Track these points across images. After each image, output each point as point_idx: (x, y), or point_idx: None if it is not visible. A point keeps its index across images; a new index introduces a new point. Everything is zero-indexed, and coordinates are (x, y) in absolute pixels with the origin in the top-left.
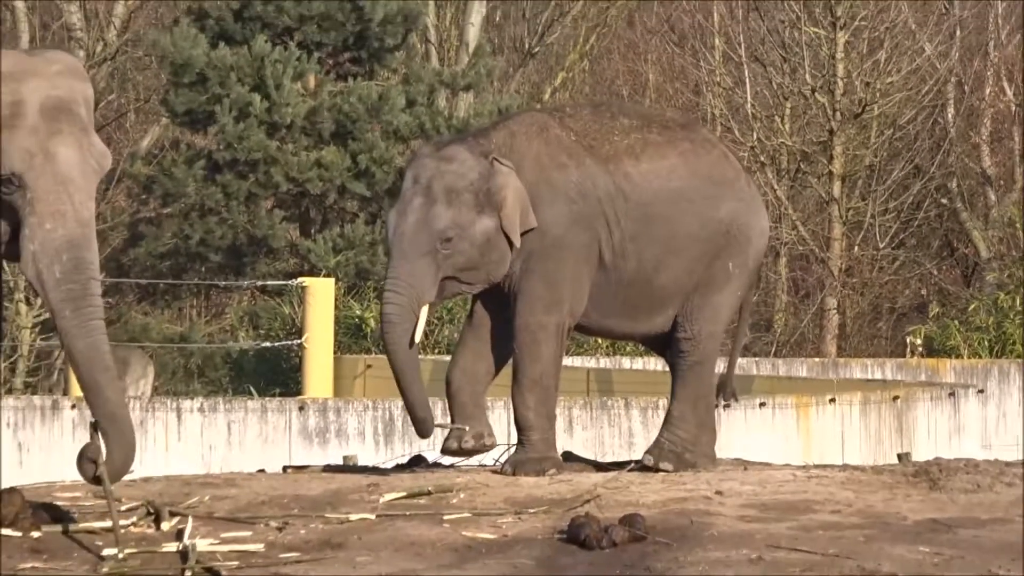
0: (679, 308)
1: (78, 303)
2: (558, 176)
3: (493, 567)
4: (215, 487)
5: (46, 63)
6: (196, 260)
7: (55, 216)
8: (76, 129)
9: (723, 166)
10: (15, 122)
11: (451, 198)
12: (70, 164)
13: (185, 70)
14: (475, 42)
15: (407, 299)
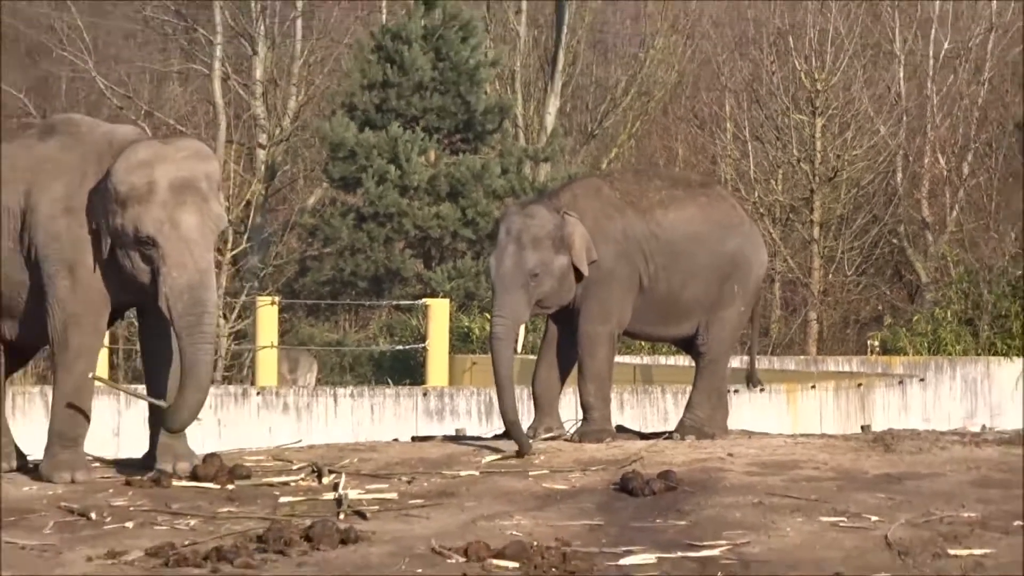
0: (699, 319)
1: (191, 330)
2: (608, 224)
3: (565, 510)
4: (361, 452)
5: (176, 150)
6: (348, 286)
7: (179, 267)
8: (197, 199)
9: (731, 214)
10: (150, 198)
11: (536, 244)
12: (191, 228)
13: (340, 148)
14: (551, 126)
15: (510, 322)
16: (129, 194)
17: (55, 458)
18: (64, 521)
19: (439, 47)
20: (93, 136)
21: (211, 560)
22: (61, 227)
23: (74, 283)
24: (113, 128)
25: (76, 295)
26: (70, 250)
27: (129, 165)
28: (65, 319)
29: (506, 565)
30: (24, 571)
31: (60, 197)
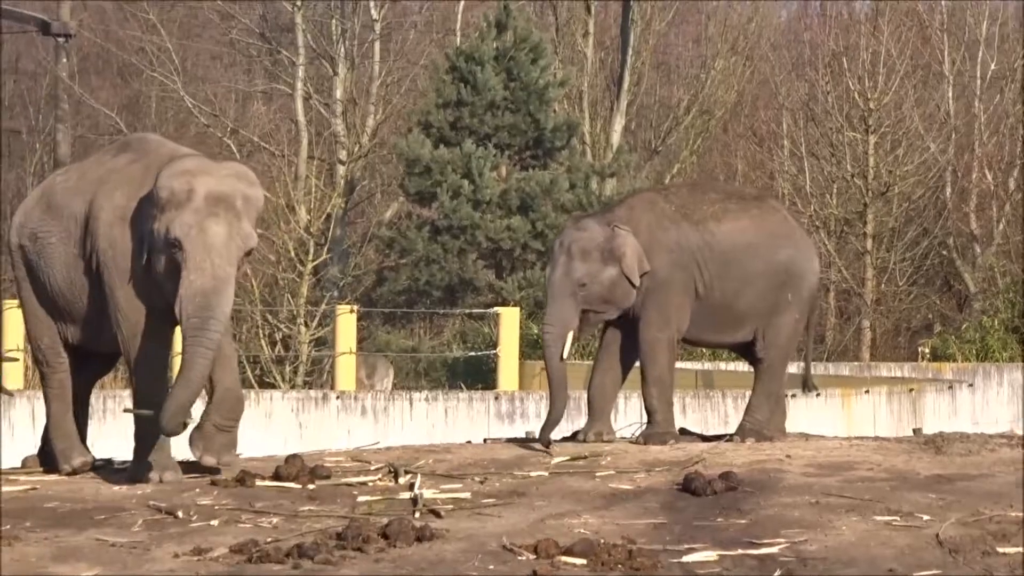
0: (755, 326)
1: (195, 332)
2: (663, 236)
3: (630, 509)
4: (436, 453)
5: (220, 167)
6: (423, 295)
7: (198, 270)
8: (230, 215)
9: (783, 225)
10: (186, 204)
11: (584, 256)
12: (216, 236)
13: (416, 164)
14: (617, 143)
15: (558, 329)
16: (169, 199)
17: (144, 459)
18: (152, 519)
19: (510, 68)
20: (158, 153)
21: (292, 557)
22: (117, 235)
23: (130, 293)
24: (177, 147)
25: (133, 304)
26: (123, 259)
27: (173, 173)
28: (129, 329)
29: (574, 562)
30: (114, 567)
31: (119, 206)
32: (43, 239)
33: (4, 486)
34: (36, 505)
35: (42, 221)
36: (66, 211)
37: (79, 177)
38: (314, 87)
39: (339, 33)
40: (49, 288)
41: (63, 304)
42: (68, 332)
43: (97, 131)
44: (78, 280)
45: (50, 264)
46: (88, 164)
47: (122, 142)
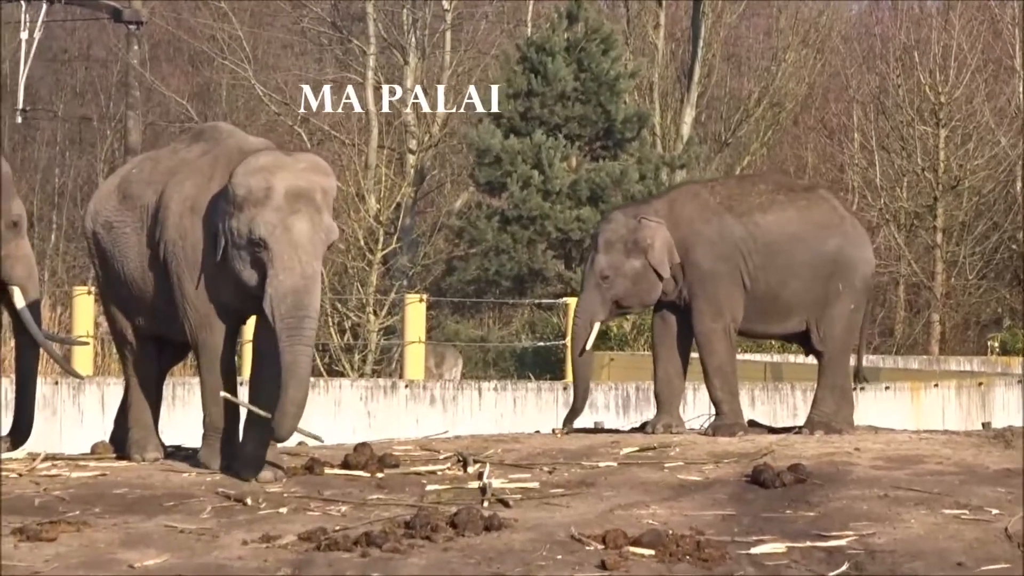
0: (807, 316)
1: (291, 332)
2: (704, 228)
3: (699, 500)
4: (505, 443)
5: (295, 161)
6: (492, 285)
7: (286, 270)
8: (311, 209)
9: (830, 215)
10: (266, 202)
11: (607, 248)
12: (302, 234)
13: (486, 154)
14: (687, 135)
15: (581, 320)
16: (246, 197)
17: (212, 448)
18: (221, 506)
19: (581, 59)
20: (227, 143)
21: (361, 544)
22: (187, 226)
23: (198, 285)
24: (246, 137)
25: (201, 296)
26: (191, 251)
27: (249, 170)
28: (197, 320)
29: (642, 552)
30: (182, 554)
31: (188, 196)
32: (118, 228)
33: (74, 472)
34: (105, 491)
35: (117, 211)
36: (139, 201)
37: (152, 167)
38: (385, 76)
39: (410, 23)
40: (123, 277)
41: (136, 293)
42: (140, 321)
43: (168, 119)
44: (151, 270)
45: (124, 253)
46: (162, 154)
47: (196, 131)
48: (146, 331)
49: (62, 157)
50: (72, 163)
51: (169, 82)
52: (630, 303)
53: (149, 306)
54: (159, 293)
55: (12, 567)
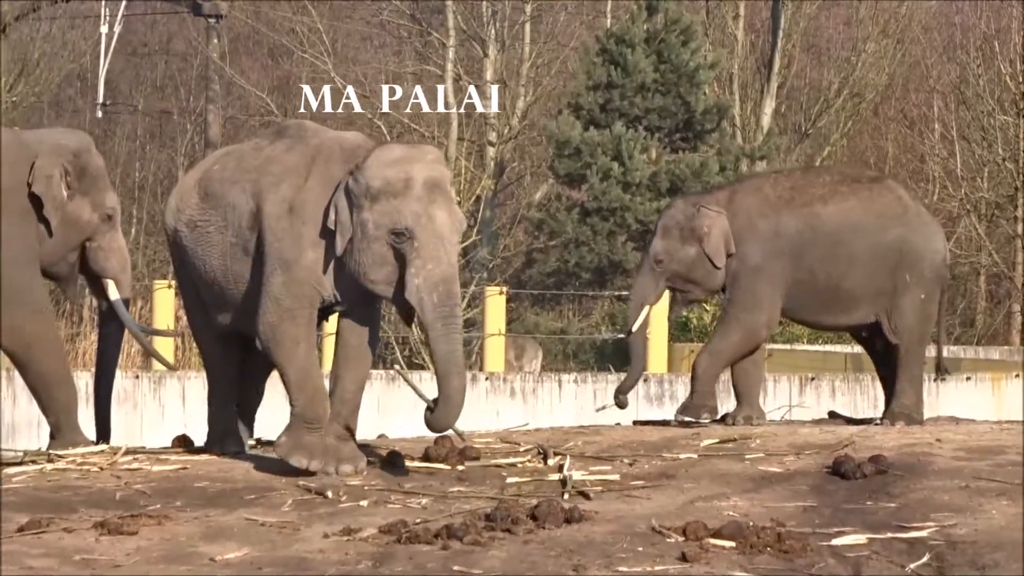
0: (876, 308)
1: (446, 320)
2: (761, 222)
3: (779, 491)
4: (585, 435)
5: (423, 152)
6: (572, 277)
7: (434, 259)
8: (445, 200)
9: (894, 205)
10: (407, 192)
11: (664, 233)
12: (444, 224)
13: (565, 146)
14: (767, 126)
15: (633, 302)
16: (384, 189)
17: (297, 440)
18: (302, 499)
19: (661, 50)
20: (320, 139)
21: (441, 537)
22: (285, 226)
23: (288, 280)
24: (341, 133)
25: (290, 290)
26: (288, 249)
27: (384, 162)
28: (280, 313)
29: (723, 544)
30: (263, 547)
31: (285, 197)
32: (201, 227)
33: (155, 465)
34: (186, 485)
35: (199, 208)
36: (223, 200)
37: (237, 165)
38: (464, 69)
39: (489, 15)
40: (205, 274)
41: (217, 291)
42: (221, 318)
43: (247, 112)
44: (234, 268)
45: (207, 251)
46: (245, 151)
47: (277, 128)
48: (227, 328)
49: (142, 151)
50: (152, 157)
51: (249, 75)
52: (685, 289)
53: (230, 303)
54: (244, 291)
55: (94, 560)
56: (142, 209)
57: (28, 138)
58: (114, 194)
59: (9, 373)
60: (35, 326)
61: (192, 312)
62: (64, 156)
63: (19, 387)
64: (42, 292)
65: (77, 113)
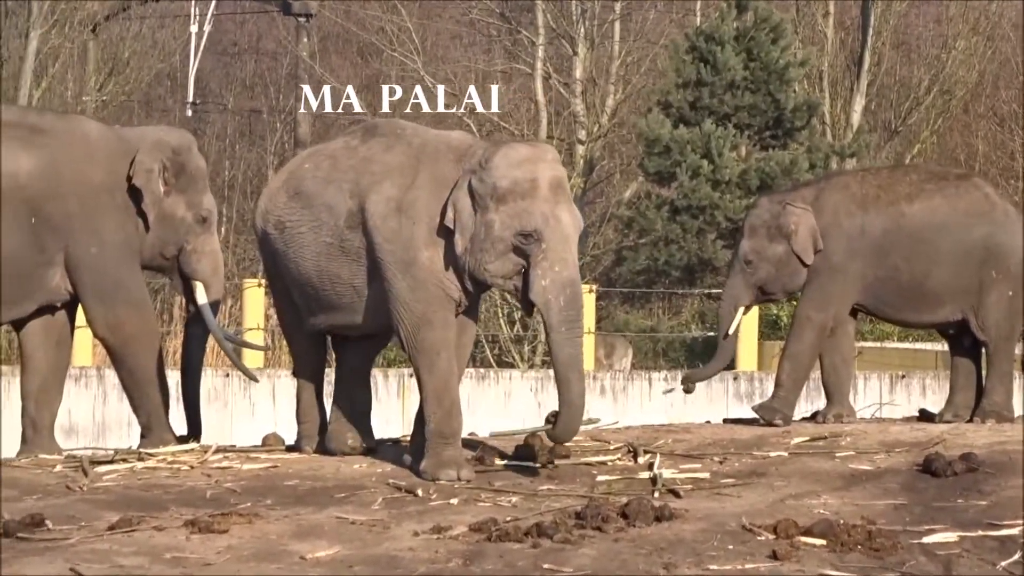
0: (962, 305)
1: (570, 324)
2: (846, 221)
3: (870, 489)
4: (675, 433)
5: (544, 152)
6: (662, 275)
7: (561, 262)
8: (567, 200)
9: (980, 202)
10: (534, 193)
11: (751, 232)
12: (569, 225)
13: (655, 144)
14: (857, 123)
15: (727, 304)
16: (511, 189)
17: (438, 457)
18: (392, 497)
19: (750, 48)
20: (424, 138)
21: (532, 535)
22: (394, 227)
23: (412, 283)
24: (444, 132)
25: (417, 294)
26: (403, 250)
27: (511, 162)
28: (415, 320)
29: (813, 542)
30: (353, 545)
31: (391, 196)
32: (291, 228)
33: (245, 464)
34: (277, 483)
35: (289, 209)
36: (317, 200)
37: (331, 166)
38: (554, 67)
39: (579, 13)
40: (298, 275)
41: (311, 291)
42: (316, 318)
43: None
44: (330, 268)
45: (299, 252)
46: (337, 151)
47: (367, 127)
48: (323, 328)
49: (232, 150)
50: (241, 156)
51: (338, 74)
52: (774, 289)
53: (325, 304)
54: (340, 291)
55: (184, 559)
56: (232, 208)
57: (129, 134)
58: (211, 197)
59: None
60: (135, 322)
61: (283, 313)
62: (164, 152)
63: (110, 386)
64: (141, 287)
65: (167, 112)
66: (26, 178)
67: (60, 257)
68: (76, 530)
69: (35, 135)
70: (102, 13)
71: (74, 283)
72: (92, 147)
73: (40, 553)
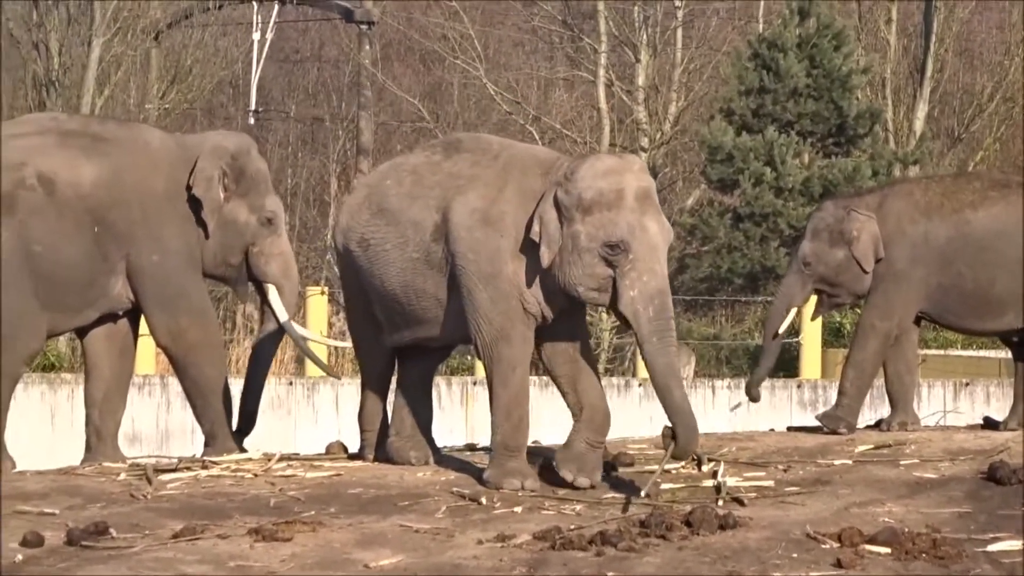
0: None
1: (662, 334)
2: (910, 228)
3: (934, 497)
4: (739, 441)
5: (630, 163)
6: (725, 283)
7: (649, 272)
8: (655, 210)
9: None
10: (620, 204)
11: (814, 235)
12: (656, 234)
13: (718, 151)
14: (920, 130)
15: (778, 303)
16: (596, 200)
17: (503, 467)
18: (456, 505)
19: (813, 55)
20: (511, 152)
21: (595, 544)
22: (479, 238)
23: (494, 295)
24: (532, 146)
25: (497, 307)
26: (487, 263)
27: (596, 173)
28: (493, 333)
29: (878, 551)
30: (417, 553)
31: (477, 209)
32: (375, 245)
33: (309, 472)
34: (340, 491)
35: (373, 226)
36: (403, 217)
37: (414, 182)
38: (616, 74)
39: (641, 20)
40: (381, 290)
41: (395, 307)
42: (399, 333)
43: (399, 118)
44: (415, 283)
45: (384, 269)
46: (419, 166)
47: (448, 142)
48: (405, 343)
49: (294, 158)
50: (304, 164)
51: (400, 81)
52: (833, 293)
53: (411, 319)
54: (426, 305)
55: (248, 567)
56: (294, 216)
57: (189, 141)
58: (275, 198)
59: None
60: (198, 330)
61: (358, 324)
62: (223, 158)
63: (173, 394)
64: (203, 296)
65: (229, 120)
66: (89, 187)
67: (122, 265)
68: (140, 538)
69: (97, 143)
70: (164, 21)
71: (136, 291)
72: (154, 155)
73: (104, 561)
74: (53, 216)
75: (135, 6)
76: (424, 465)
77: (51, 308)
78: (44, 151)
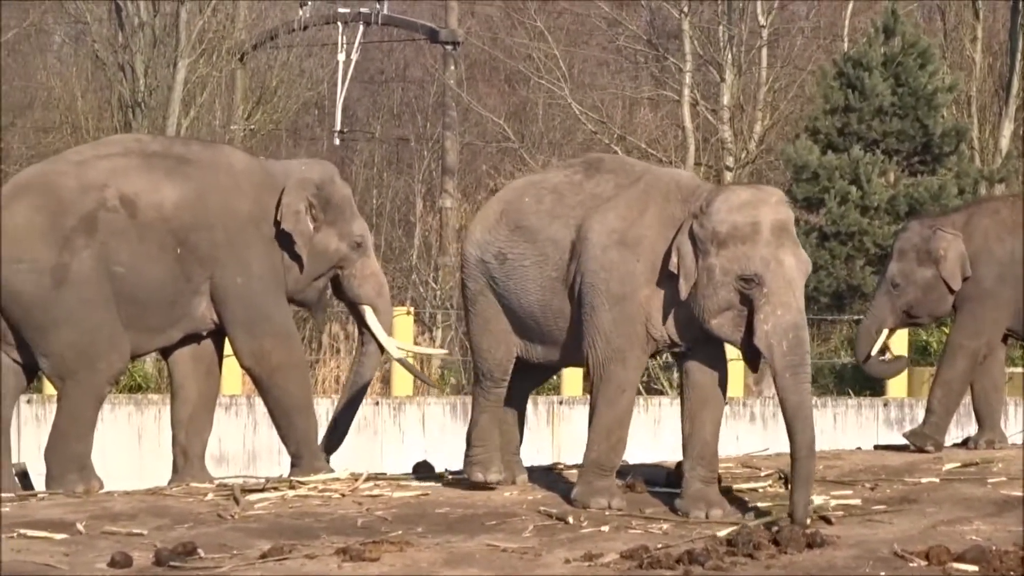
0: None
1: (796, 369)
2: (996, 246)
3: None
4: (826, 459)
5: (768, 195)
6: (811, 301)
7: (784, 306)
8: (792, 243)
9: None
10: (755, 238)
11: (900, 255)
12: (792, 268)
13: (803, 170)
14: (1006, 148)
15: (869, 324)
16: (731, 233)
17: (591, 485)
18: (543, 525)
19: (898, 73)
20: (653, 175)
21: (683, 563)
22: (613, 259)
23: (619, 317)
24: (673, 170)
25: (620, 329)
26: (618, 283)
27: (731, 206)
28: (609, 353)
29: (966, 569)
30: (504, 572)
31: (615, 230)
32: (513, 261)
33: (396, 491)
34: (427, 511)
35: (511, 242)
36: (542, 235)
37: (555, 201)
38: (701, 93)
39: (726, 39)
40: (517, 308)
41: (532, 324)
42: (532, 351)
43: (484, 138)
44: (553, 303)
45: (521, 285)
46: (560, 185)
47: (589, 162)
48: (535, 361)
49: (379, 178)
50: (389, 184)
51: (486, 102)
52: (919, 313)
53: (547, 337)
54: (562, 325)
55: None
56: (380, 236)
57: (273, 168)
58: (361, 221)
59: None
60: (282, 352)
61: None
62: (308, 189)
63: (259, 414)
64: (287, 318)
65: (315, 141)
66: (172, 208)
67: (206, 287)
68: (228, 558)
69: (181, 165)
70: (249, 42)
71: (220, 313)
72: (238, 177)
73: None
74: (135, 237)
75: (220, 27)
76: (511, 484)
77: (134, 328)
78: (126, 173)
